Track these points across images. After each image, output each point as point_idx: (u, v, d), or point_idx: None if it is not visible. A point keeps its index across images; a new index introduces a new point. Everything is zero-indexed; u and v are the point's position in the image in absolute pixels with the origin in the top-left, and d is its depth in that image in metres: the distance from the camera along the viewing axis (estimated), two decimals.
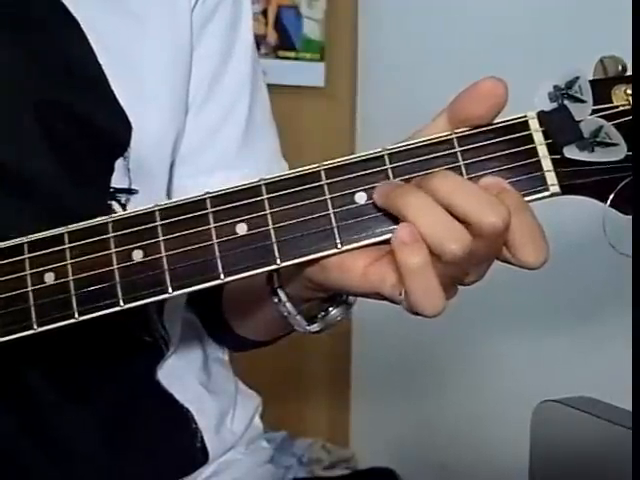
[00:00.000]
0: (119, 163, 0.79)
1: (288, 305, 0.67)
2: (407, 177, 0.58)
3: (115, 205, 0.79)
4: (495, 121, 0.57)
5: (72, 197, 0.77)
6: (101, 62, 0.78)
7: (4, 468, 0.78)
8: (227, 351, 0.97)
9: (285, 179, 0.59)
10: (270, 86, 0.94)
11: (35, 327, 0.61)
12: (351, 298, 0.67)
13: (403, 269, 0.55)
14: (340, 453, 1.86)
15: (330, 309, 0.68)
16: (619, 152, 0.55)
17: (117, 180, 0.80)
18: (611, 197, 0.56)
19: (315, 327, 0.68)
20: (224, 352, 0.96)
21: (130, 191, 0.80)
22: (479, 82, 0.57)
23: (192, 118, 0.86)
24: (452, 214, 0.54)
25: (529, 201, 0.57)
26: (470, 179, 0.57)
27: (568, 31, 1.47)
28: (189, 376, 0.89)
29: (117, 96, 0.79)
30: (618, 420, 0.93)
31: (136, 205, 0.79)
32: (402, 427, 1.87)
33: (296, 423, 1.90)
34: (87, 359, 0.80)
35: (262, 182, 0.59)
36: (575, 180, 0.56)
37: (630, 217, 0.56)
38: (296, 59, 1.88)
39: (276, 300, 0.68)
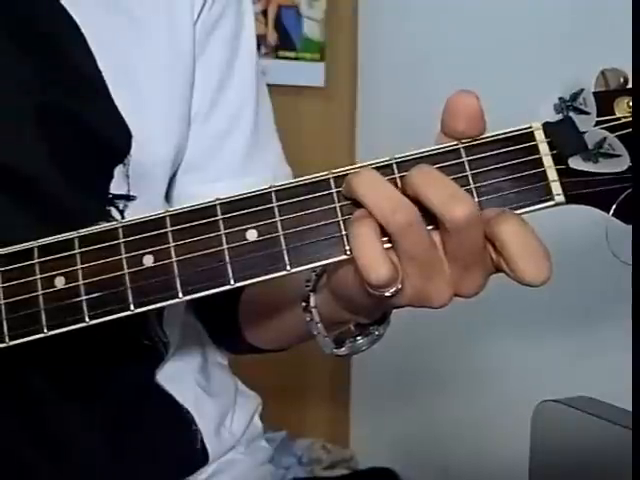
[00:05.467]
0: (118, 170, 0.80)
1: (319, 325, 0.69)
2: None
3: (113, 211, 0.80)
4: (501, 131, 0.59)
5: (71, 201, 0.77)
6: (100, 67, 0.79)
7: (5, 467, 0.78)
8: (226, 354, 0.97)
9: (295, 186, 0.59)
10: (270, 86, 0.95)
11: (45, 331, 0.62)
12: (380, 330, 0.68)
13: (349, 239, 0.57)
14: (340, 453, 1.87)
15: (358, 338, 0.69)
16: (622, 163, 0.56)
17: (116, 186, 0.80)
18: (614, 207, 0.57)
19: (342, 351, 0.69)
20: (223, 356, 0.97)
21: (128, 197, 0.81)
22: (450, 98, 0.58)
23: (199, 126, 0.86)
24: (425, 206, 0.56)
25: (534, 210, 0.58)
26: (477, 188, 0.58)
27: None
28: (188, 378, 0.90)
29: (116, 103, 0.79)
30: (618, 420, 0.94)
31: (134, 211, 0.79)
32: (402, 427, 1.88)
33: (296, 423, 1.90)
34: (88, 361, 0.80)
35: (272, 189, 0.60)
36: (579, 190, 0.57)
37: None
38: (296, 59, 1.89)
39: (309, 319, 0.69)
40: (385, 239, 0.57)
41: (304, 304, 0.69)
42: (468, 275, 0.58)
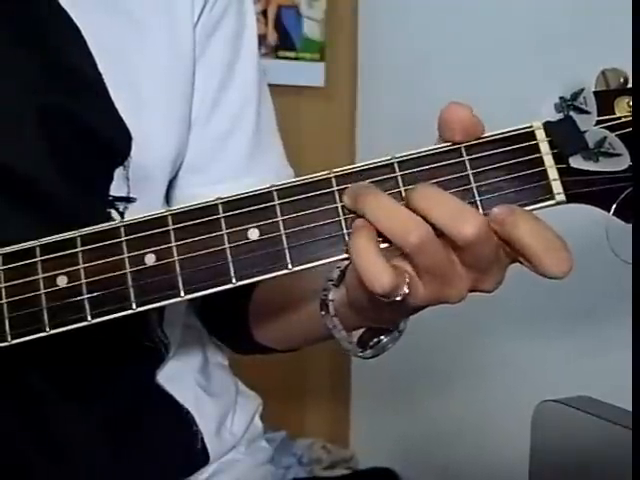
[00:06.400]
0: (118, 172, 0.80)
1: (343, 332, 0.69)
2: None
3: (113, 213, 0.80)
4: (502, 130, 0.59)
5: (70, 203, 0.78)
6: (100, 69, 0.79)
7: (6, 467, 0.78)
8: (227, 355, 0.97)
9: (296, 185, 0.60)
10: (270, 86, 0.94)
11: (47, 330, 0.62)
12: (401, 325, 0.68)
13: (349, 253, 0.58)
14: (340, 453, 1.86)
15: (382, 337, 0.69)
16: (622, 162, 0.56)
17: (116, 188, 0.80)
18: (614, 206, 0.57)
19: (368, 353, 0.69)
20: (224, 356, 0.97)
21: (128, 199, 0.81)
22: (443, 110, 0.59)
23: (201, 127, 0.86)
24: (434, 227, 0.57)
25: (535, 209, 0.58)
26: (478, 187, 0.58)
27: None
28: (188, 379, 0.90)
29: (116, 104, 0.79)
30: (618, 420, 0.94)
31: (134, 213, 0.79)
32: (402, 427, 1.88)
33: (296, 423, 1.90)
34: (88, 362, 0.80)
35: (273, 188, 0.60)
36: (580, 189, 0.58)
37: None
38: (296, 59, 1.89)
39: (331, 325, 0.69)
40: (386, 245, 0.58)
41: (323, 312, 0.68)
42: (486, 276, 0.59)
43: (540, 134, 0.58)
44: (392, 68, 1.87)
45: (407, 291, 0.58)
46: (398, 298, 0.58)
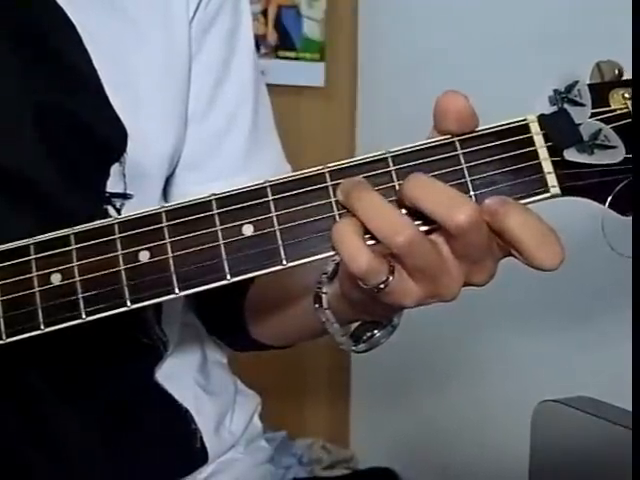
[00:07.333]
0: (115, 168, 0.80)
1: (336, 325, 0.69)
2: None
3: (110, 210, 0.80)
4: (496, 124, 0.59)
5: (68, 200, 0.78)
6: (96, 67, 0.79)
7: (5, 467, 0.78)
8: (226, 353, 0.97)
9: (290, 181, 0.59)
10: (270, 86, 0.95)
11: (42, 327, 0.62)
12: (395, 320, 0.68)
13: (332, 236, 0.58)
14: (340, 453, 1.87)
15: (375, 331, 0.69)
16: (617, 154, 0.56)
17: (112, 185, 0.80)
18: (609, 199, 0.57)
19: (361, 347, 0.69)
20: (223, 355, 0.97)
21: (125, 196, 0.81)
22: (438, 99, 0.59)
23: (197, 125, 0.86)
24: (425, 215, 0.57)
25: (530, 202, 0.58)
26: (473, 181, 0.58)
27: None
28: (187, 377, 0.90)
29: (111, 102, 0.79)
30: (618, 420, 0.94)
31: (131, 210, 0.79)
32: (402, 427, 1.88)
33: (296, 423, 1.90)
34: (86, 360, 0.80)
35: (267, 184, 0.60)
36: (575, 182, 0.57)
37: (628, 217, 0.57)
38: (296, 59, 1.89)
39: (324, 319, 0.69)
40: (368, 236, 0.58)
41: (317, 305, 0.68)
42: (478, 267, 0.59)
43: (534, 127, 0.58)
44: (392, 68, 1.87)
45: (390, 278, 0.57)
46: (381, 286, 0.57)
